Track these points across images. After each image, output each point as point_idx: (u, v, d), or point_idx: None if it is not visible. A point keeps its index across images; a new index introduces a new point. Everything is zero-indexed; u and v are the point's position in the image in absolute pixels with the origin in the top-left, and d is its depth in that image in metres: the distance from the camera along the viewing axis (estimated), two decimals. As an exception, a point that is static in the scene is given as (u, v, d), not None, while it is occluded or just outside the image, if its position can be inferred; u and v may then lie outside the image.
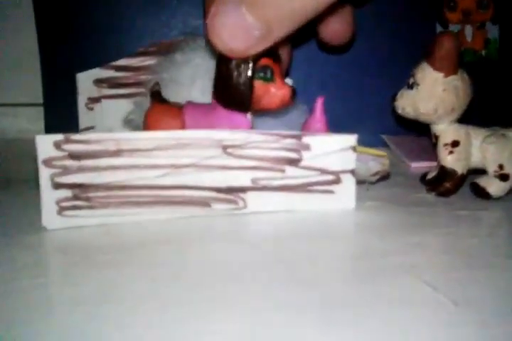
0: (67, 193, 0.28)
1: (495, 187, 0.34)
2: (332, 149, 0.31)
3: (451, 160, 0.34)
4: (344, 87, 0.45)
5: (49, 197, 0.28)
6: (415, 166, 0.42)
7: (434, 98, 0.33)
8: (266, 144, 0.30)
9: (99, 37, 0.43)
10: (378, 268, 0.25)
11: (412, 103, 0.34)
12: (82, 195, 0.28)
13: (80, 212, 0.29)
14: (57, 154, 0.28)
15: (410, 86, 0.34)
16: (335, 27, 0.35)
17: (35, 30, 0.47)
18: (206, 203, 0.30)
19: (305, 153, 0.31)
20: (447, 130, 0.34)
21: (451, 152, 0.34)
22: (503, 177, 0.33)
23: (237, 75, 0.29)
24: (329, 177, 0.31)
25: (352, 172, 0.31)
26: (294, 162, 0.31)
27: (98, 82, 0.41)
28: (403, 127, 0.45)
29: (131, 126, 0.38)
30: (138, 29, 0.43)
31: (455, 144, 0.34)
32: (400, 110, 0.35)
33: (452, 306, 0.21)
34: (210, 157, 0.29)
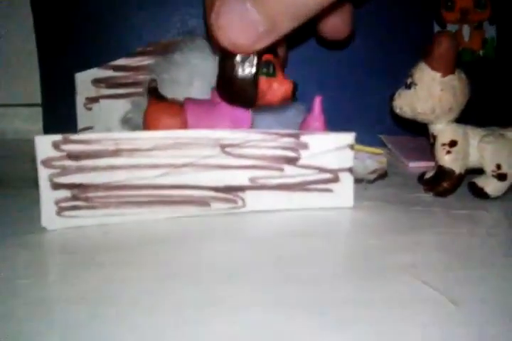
0: (66, 193, 0.28)
1: (492, 186, 0.34)
2: (330, 148, 0.31)
3: (448, 159, 0.34)
4: (342, 87, 0.45)
5: (48, 198, 0.28)
6: (413, 166, 0.42)
7: (432, 98, 0.33)
8: (264, 143, 0.30)
9: (97, 37, 0.43)
10: (376, 267, 0.25)
11: (410, 103, 0.34)
12: (82, 195, 0.28)
13: (80, 212, 0.29)
14: (56, 154, 0.28)
15: (408, 86, 0.34)
16: (334, 22, 0.35)
17: (33, 30, 0.47)
18: (205, 202, 0.30)
19: (303, 152, 0.31)
20: (445, 130, 0.34)
21: (448, 152, 0.34)
22: (501, 176, 0.34)
23: (241, 71, 0.29)
24: (327, 175, 0.31)
25: (350, 170, 0.31)
26: (292, 161, 0.31)
27: (96, 82, 0.41)
28: (401, 127, 0.45)
29: (129, 126, 0.38)
30: (136, 29, 0.43)
31: (453, 144, 0.34)
32: (398, 110, 0.35)
33: (451, 305, 0.21)
34: (209, 156, 0.30)
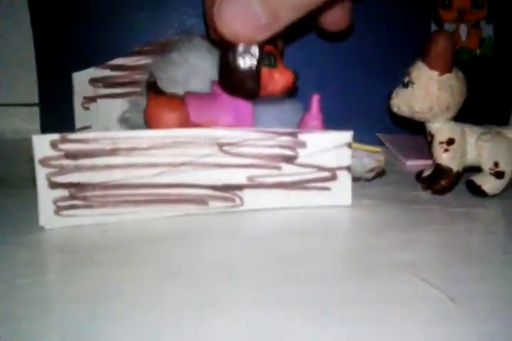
0: (64, 193, 0.28)
1: (490, 184, 0.34)
2: (328, 146, 0.31)
3: (446, 158, 0.34)
4: (340, 86, 0.45)
5: (46, 197, 0.28)
6: (410, 164, 0.42)
7: (429, 96, 0.33)
8: (262, 142, 0.30)
9: (94, 36, 0.43)
10: (375, 265, 0.25)
11: (407, 101, 0.34)
12: (79, 195, 0.28)
13: (78, 212, 0.29)
14: (53, 154, 0.28)
15: (405, 84, 0.34)
16: (334, 15, 0.36)
17: (30, 29, 0.47)
18: (203, 201, 0.30)
19: (301, 151, 0.31)
20: (442, 128, 0.34)
21: (446, 150, 0.34)
22: (499, 174, 0.34)
23: (244, 63, 0.29)
24: (325, 174, 0.31)
25: (348, 168, 0.32)
26: (290, 159, 0.31)
27: (94, 82, 0.41)
28: (398, 126, 0.45)
29: (127, 125, 0.38)
30: (134, 28, 0.43)
31: (450, 142, 0.34)
32: (395, 109, 0.35)
33: (450, 303, 0.21)
34: (207, 155, 0.29)
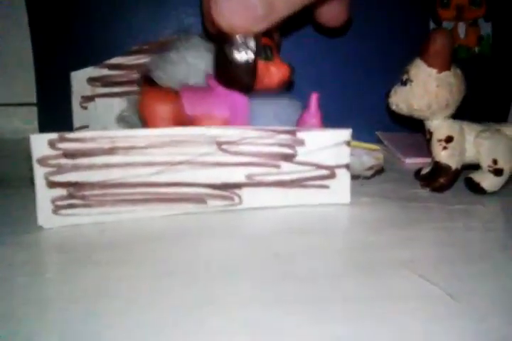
0: (62, 192, 0.28)
1: (489, 182, 0.34)
2: (326, 144, 0.31)
3: (445, 155, 0.34)
4: (338, 84, 0.45)
5: (44, 196, 0.28)
6: (409, 162, 0.42)
7: (428, 94, 0.33)
8: (260, 140, 0.30)
9: (92, 35, 0.43)
10: (374, 262, 0.25)
11: (406, 99, 0.34)
12: (78, 194, 0.28)
13: (76, 211, 0.29)
14: (51, 153, 0.28)
15: (404, 82, 0.34)
16: (331, 9, 0.36)
17: (28, 29, 0.47)
18: (202, 200, 0.30)
19: (299, 149, 0.31)
20: (441, 126, 0.34)
21: (445, 147, 0.34)
22: (497, 172, 0.34)
23: (241, 55, 0.29)
24: (324, 172, 0.31)
25: (347, 166, 0.31)
26: (289, 157, 0.31)
27: (92, 81, 0.41)
28: (397, 124, 0.45)
29: (125, 124, 0.38)
30: (132, 27, 0.43)
31: (449, 140, 0.34)
32: (394, 106, 0.35)
33: (449, 299, 0.21)
34: (205, 153, 0.29)
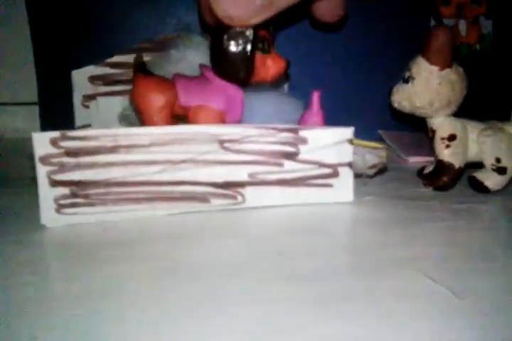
0: (65, 191, 0.28)
1: (492, 180, 0.34)
2: (329, 142, 0.31)
3: (448, 153, 0.34)
4: (340, 83, 0.45)
5: (47, 195, 0.28)
6: (412, 161, 0.42)
7: (430, 91, 0.33)
8: (263, 138, 0.30)
9: (93, 34, 0.43)
10: (378, 261, 0.25)
11: (408, 97, 0.34)
12: (80, 193, 0.28)
13: (79, 210, 0.28)
14: (54, 151, 0.27)
15: (406, 80, 0.34)
16: (327, 5, 0.36)
17: (28, 28, 0.47)
18: (205, 198, 0.30)
19: (302, 147, 0.31)
20: (443, 124, 0.34)
21: (448, 146, 0.34)
22: (501, 170, 0.34)
23: (238, 47, 0.29)
24: (327, 170, 0.31)
25: (349, 165, 0.31)
26: (292, 156, 0.31)
27: (93, 80, 0.41)
28: (399, 122, 0.45)
29: (126, 122, 0.38)
30: (132, 26, 0.43)
31: (452, 138, 0.34)
32: (396, 104, 0.35)
33: (453, 297, 0.21)
34: (208, 152, 0.29)
